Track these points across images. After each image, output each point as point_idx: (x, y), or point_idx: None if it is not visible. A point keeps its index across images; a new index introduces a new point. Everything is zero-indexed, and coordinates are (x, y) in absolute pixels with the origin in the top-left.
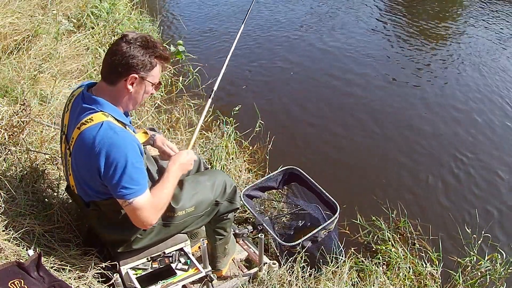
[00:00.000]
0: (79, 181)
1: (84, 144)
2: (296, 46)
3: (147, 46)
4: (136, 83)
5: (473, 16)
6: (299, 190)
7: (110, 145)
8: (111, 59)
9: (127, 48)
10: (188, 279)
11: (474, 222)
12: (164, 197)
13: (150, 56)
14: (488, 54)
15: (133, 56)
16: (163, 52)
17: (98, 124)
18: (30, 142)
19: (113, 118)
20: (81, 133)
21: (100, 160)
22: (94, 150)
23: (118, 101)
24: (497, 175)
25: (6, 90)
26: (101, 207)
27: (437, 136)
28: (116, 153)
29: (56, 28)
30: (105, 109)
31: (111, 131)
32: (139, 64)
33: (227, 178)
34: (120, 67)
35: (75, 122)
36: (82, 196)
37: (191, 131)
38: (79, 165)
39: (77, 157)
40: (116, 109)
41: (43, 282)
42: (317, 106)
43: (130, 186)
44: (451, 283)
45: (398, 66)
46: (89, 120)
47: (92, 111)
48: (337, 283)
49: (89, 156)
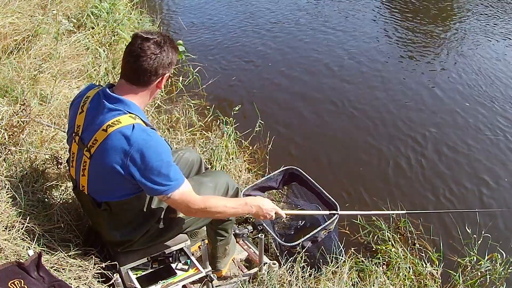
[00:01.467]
0: (96, 182)
1: (114, 146)
2: (297, 46)
3: (175, 47)
4: (164, 80)
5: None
6: (299, 190)
7: (145, 147)
8: (141, 63)
9: (160, 49)
10: (188, 279)
11: (474, 222)
12: (217, 206)
13: (176, 55)
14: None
15: (167, 58)
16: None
17: (129, 127)
18: (30, 142)
19: (141, 120)
20: (110, 135)
21: (135, 163)
22: (128, 153)
23: (144, 101)
24: (497, 174)
25: (6, 90)
26: (113, 207)
27: (437, 136)
28: (153, 154)
29: (56, 28)
30: (132, 110)
31: (145, 133)
32: (172, 64)
33: (230, 180)
34: (155, 71)
35: (98, 123)
36: (94, 196)
37: (192, 131)
38: (103, 165)
39: (101, 159)
40: (141, 111)
41: (43, 282)
42: (318, 106)
43: (166, 183)
44: (451, 283)
45: (410, 68)
46: (117, 122)
47: (119, 113)
48: (337, 283)
49: (120, 158)
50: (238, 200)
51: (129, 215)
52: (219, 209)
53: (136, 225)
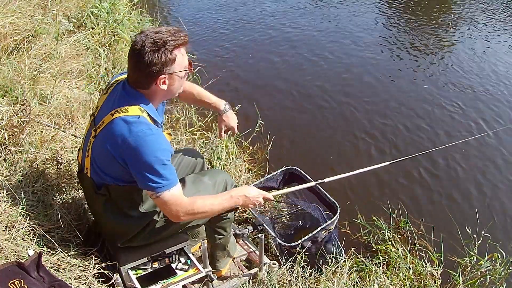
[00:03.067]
0: (97, 163)
1: (115, 131)
2: (297, 46)
3: (158, 48)
4: (166, 80)
5: None
6: (299, 190)
7: (142, 140)
8: (134, 72)
9: (142, 59)
10: (188, 279)
11: (474, 222)
12: (204, 206)
13: (166, 54)
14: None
15: (151, 64)
16: (176, 40)
17: (134, 117)
18: (30, 142)
19: (147, 114)
20: (114, 120)
21: (130, 152)
22: (126, 141)
23: (154, 99)
24: (497, 174)
25: (6, 90)
26: (111, 192)
27: (436, 137)
28: (147, 149)
29: (56, 28)
30: (142, 103)
31: (146, 127)
32: (162, 66)
33: (228, 178)
34: (146, 78)
35: (110, 107)
36: (95, 179)
37: (192, 131)
38: (104, 148)
39: (102, 141)
40: (151, 107)
41: (43, 282)
42: (318, 106)
43: (159, 181)
44: (451, 283)
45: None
46: (125, 110)
47: (130, 102)
48: (337, 283)
49: (117, 144)
50: (224, 195)
51: (127, 204)
52: (206, 208)
53: (134, 216)
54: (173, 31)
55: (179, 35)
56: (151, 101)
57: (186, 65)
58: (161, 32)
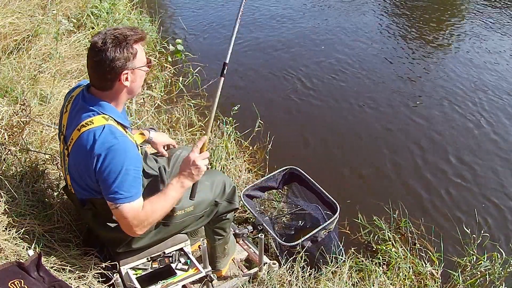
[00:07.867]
0: (75, 180)
1: (83, 146)
2: (297, 45)
3: (119, 42)
4: (129, 75)
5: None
6: (299, 190)
7: (109, 150)
8: (97, 72)
9: (103, 55)
10: (188, 279)
11: (473, 222)
12: (156, 212)
13: (128, 48)
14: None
15: (114, 59)
16: (135, 35)
17: (100, 128)
18: (30, 142)
19: (114, 120)
20: (81, 135)
21: (97, 163)
22: (93, 153)
23: (118, 100)
24: (498, 174)
25: (6, 90)
26: (97, 206)
27: (436, 137)
28: (114, 158)
29: (56, 28)
30: (106, 111)
31: (111, 136)
32: (124, 60)
33: (226, 178)
34: (108, 75)
35: (75, 123)
36: (78, 195)
37: (192, 131)
38: (76, 164)
39: (74, 157)
40: (116, 111)
41: (43, 282)
42: (317, 106)
43: (120, 192)
44: (451, 283)
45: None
46: (90, 122)
47: (93, 113)
48: (337, 283)
49: (87, 157)
50: (173, 189)
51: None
52: (162, 212)
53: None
54: (130, 27)
55: (137, 30)
56: (116, 104)
57: (146, 61)
58: (119, 29)
